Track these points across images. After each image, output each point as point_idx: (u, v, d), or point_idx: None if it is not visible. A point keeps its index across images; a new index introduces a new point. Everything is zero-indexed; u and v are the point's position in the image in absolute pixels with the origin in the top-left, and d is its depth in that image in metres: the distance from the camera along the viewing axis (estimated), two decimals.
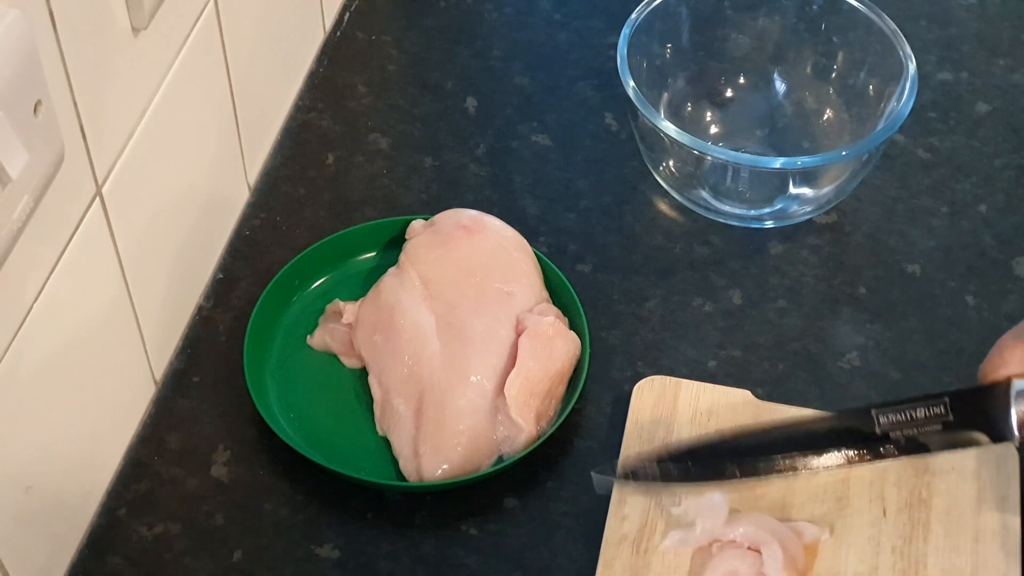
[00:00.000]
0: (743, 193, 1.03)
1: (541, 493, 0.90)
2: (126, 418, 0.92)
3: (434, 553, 0.87)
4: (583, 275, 1.01)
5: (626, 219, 1.05)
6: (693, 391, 0.92)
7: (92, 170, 0.80)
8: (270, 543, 0.88)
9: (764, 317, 0.99)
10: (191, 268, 0.98)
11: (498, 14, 1.20)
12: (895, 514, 0.87)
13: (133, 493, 0.90)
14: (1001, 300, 1.00)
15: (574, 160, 1.09)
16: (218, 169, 0.99)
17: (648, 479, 0.85)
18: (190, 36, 0.89)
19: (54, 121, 0.71)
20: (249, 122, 1.02)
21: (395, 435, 0.90)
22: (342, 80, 1.14)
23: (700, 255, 1.03)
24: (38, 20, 0.70)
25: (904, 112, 0.98)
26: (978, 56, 1.16)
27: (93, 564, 0.87)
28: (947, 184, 1.07)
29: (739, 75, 1.10)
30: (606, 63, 1.14)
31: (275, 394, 0.93)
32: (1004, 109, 1.12)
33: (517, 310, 0.93)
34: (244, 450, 0.92)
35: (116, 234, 0.84)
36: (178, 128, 0.90)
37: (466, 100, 1.13)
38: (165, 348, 0.95)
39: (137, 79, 0.84)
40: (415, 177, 1.07)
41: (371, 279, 0.98)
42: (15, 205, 0.68)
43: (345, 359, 0.95)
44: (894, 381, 0.95)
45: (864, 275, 1.01)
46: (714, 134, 1.09)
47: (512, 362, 0.90)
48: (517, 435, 0.89)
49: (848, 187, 1.01)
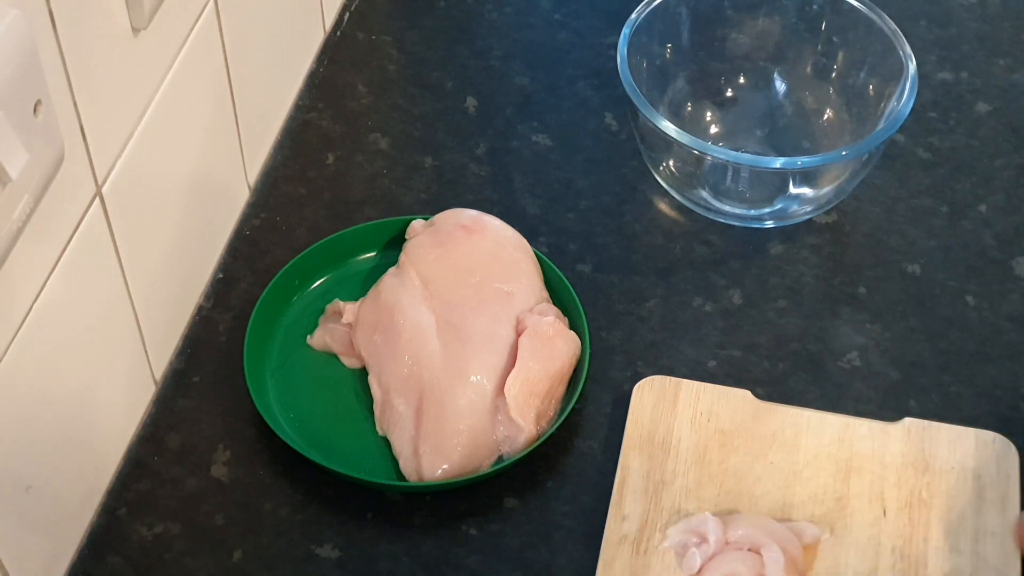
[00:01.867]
0: (743, 193, 1.03)
1: (541, 493, 0.90)
2: (126, 418, 0.92)
3: (434, 553, 0.87)
4: (583, 275, 1.01)
5: (626, 219, 1.05)
6: (693, 391, 0.92)
7: (92, 170, 0.80)
8: (270, 543, 0.88)
9: (764, 317, 0.99)
10: (191, 268, 0.98)
11: (498, 14, 1.20)
12: (895, 514, 0.87)
13: (133, 493, 0.90)
14: (1001, 300, 1.00)
15: (574, 160, 1.09)
16: (218, 169, 0.99)
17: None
18: (190, 36, 0.89)
19: (54, 121, 0.71)
20: (249, 122, 1.02)
21: (395, 435, 0.90)
22: (342, 80, 1.14)
23: (700, 255, 1.03)
24: (38, 20, 0.70)
25: (904, 112, 0.98)
26: (978, 56, 1.16)
27: (93, 564, 0.87)
28: (947, 184, 1.07)
29: (739, 75, 1.10)
30: (606, 63, 1.14)
31: (275, 394, 0.93)
32: (1004, 109, 1.12)
33: (517, 310, 0.93)
34: (244, 450, 0.92)
35: (116, 234, 0.84)
36: (178, 128, 0.90)
37: (466, 100, 1.13)
38: (165, 348, 0.95)
39: (137, 79, 0.84)
40: (415, 177, 1.07)
41: (371, 279, 0.98)
42: (15, 205, 0.68)
43: (345, 359, 0.95)
44: (894, 381, 0.95)
45: (864, 275, 1.01)
46: (714, 134, 1.09)
47: (512, 362, 0.90)
48: (517, 435, 0.89)
49: (848, 187, 1.01)
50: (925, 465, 0.89)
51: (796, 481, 0.88)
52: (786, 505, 0.87)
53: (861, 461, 0.89)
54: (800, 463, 0.89)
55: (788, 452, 0.89)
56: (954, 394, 0.94)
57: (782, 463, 0.89)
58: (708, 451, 0.89)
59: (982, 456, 0.89)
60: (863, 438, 0.90)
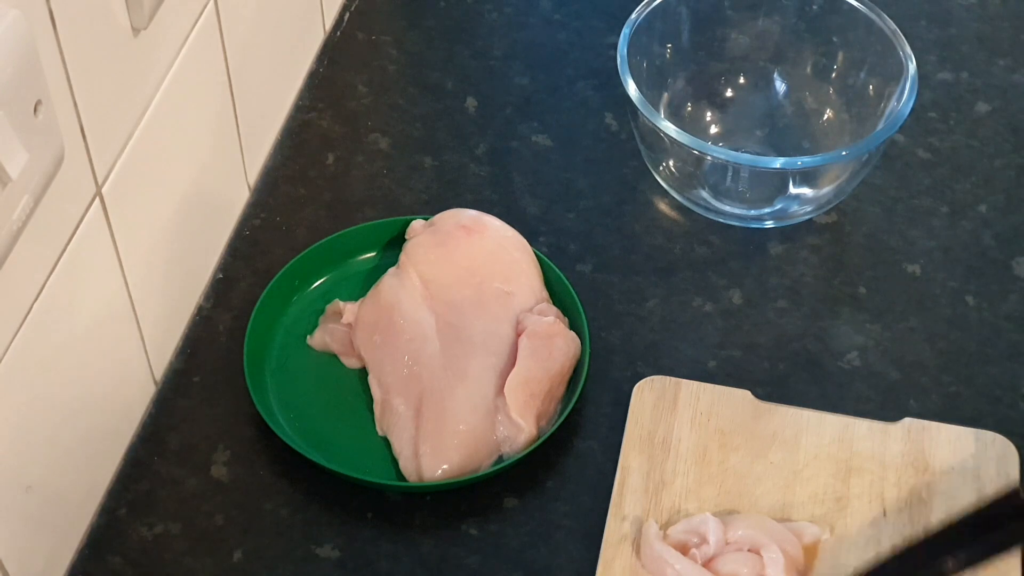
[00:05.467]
0: (743, 193, 1.03)
1: (541, 493, 0.90)
2: (126, 418, 0.92)
3: (434, 553, 0.87)
4: (583, 275, 1.01)
5: (626, 219, 1.05)
6: (693, 391, 0.92)
7: (92, 170, 0.80)
8: (270, 543, 0.88)
9: (764, 317, 0.99)
10: (191, 268, 0.98)
11: (498, 14, 1.20)
12: (895, 514, 0.87)
13: (133, 493, 0.90)
14: (1001, 300, 1.00)
15: (574, 160, 1.09)
16: (218, 169, 0.99)
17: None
18: (190, 36, 0.89)
19: (54, 121, 0.71)
20: (249, 122, 1.02)
21: (395, 435, 0.90)
22: (342, 80, 1.14)
23: (700, 255, 1.03)
24: (38, 20, 0.70)
25: (904, 112, 0.98)
26: (978, 56, 1.16)
27: (93, 564, 0.87)
28: (947, 184, 1.07)
29: (739, 75, 1.10)
30: (606, 63, 1.14)
31: (275, 394, 0.93)
32: (1004, 109, 1.12)
33: (517, 310, 0.93)
34: (244, 450, 0.92)
35: (116, 234, 0.84)
36: (178, 128, 0.90)
37: (466, 100, 1.13)
38: (165, 348, 0.95)
39: (137, 79, 0.84)
40: (415, 177, 1.07)
41: (371, 279, 0.98)
42: (15, 205, 0.68)
43: (345, 359, 0.95)
44: (894, 381, 0.95)
45: (864, 275, 1.01)
46: (714, 134, 1.09)
47: (512, 362, 0.90)
48: (517, 435, 0.89)
49: (848, 187, 1.01)
50: (925, 465, 0.89)
51: (796, 481, 0.88)
52: (786, 505, 0.87)
53: (861, 461, 0.89)
54: (800, 463, 0.89)
55: (788, 452, 0.89)
56: (954, 394, 0.94)
57: (782, 463, 0.89)
58: (708, 451, 0.89)
59: (982, 456, 0.89)
60: (863, 438, 0.90)
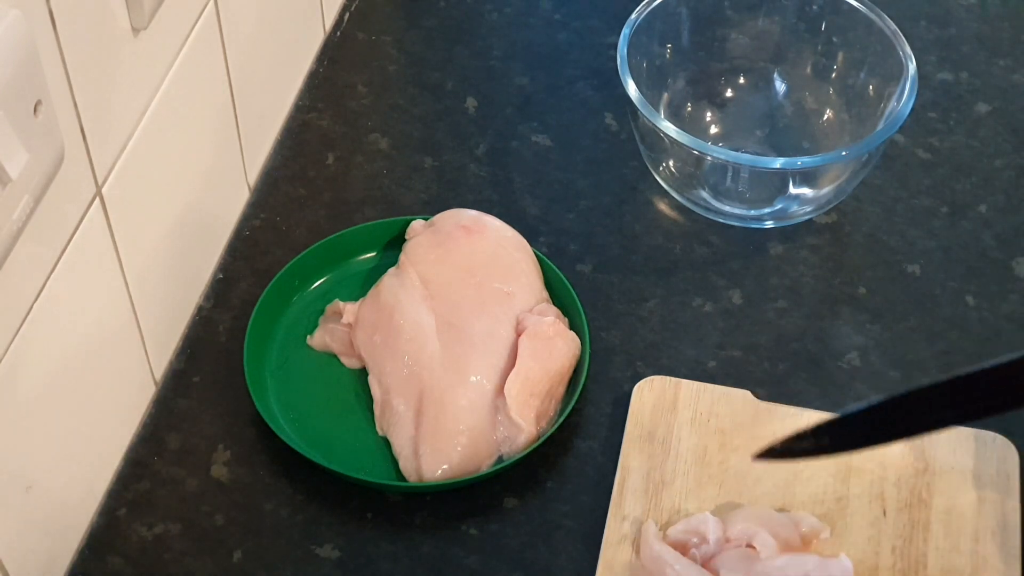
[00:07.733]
0: (743, 193, 1.03)
1: (541, 493, 0.90)
2: (126, 418, 0.92)
3: (434, 553, 0.87)
4: (583, 275, 1.01)
5: (626, 219, 1.05)
6: (693, 391, 0.92)
7: (92, 170, 0.80)
8: (270, 543, 0.88)
9: (764, 317, 0.99)
10: (191, 268, 0.98)
11: (498, 14, 1.20)
12: (895, 514, 0.87)
13: (133, 493, 0.90)
14: (1001, 300, 1.00)
15: (574, 160, 1.09)
16: (218, 169, 0.99)
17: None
18: (190, 36, 0.89)
19: (54, 121, 0.71)
20: (249, 122, 1.02)
21: (395, 435, 0.90)
22: (342, 80, 1.14)
23: (700, 255, 1.03)
24: (38, 20, 0.70)
25: (904, 112, 0.98)
26: (978, 56, 1.16)
27: (93, 564, 0.87)
28: (947, 184, 1.07)
29: (739, 75, 1.10)
30: (606, 63, 1.14)
31: (275, 394, 0.93)
32: (1004, 109, 1.12)
33: (517, 310, 0.93)
34: (244, 450, 0.92)
35: (116, 234, 0.84)
36: (178, 128, 0.90)
37: (466, 100, 1.13)
38: (165, 348, 0.95)
39: (137, 79, 0.84)
40: (415, 177, 1.07)
41: (371, 279, 0.98)
42: (15, 205, 0.68)
43: (345, 359, 0.95)
44: (894, 381, 0.95)
45: (864, 275, 1.01)
46: (714, 134, 1.09)
47: (512, 362, 0.90)
48: (517, 435, 0.89)
49: (848, 187, 1.01)
50: (925, 465, 0.89)
51: (796, 481, 0.88)
52: (786, 505, 0.87)
53: (861, 461, 0.89)
54: (800, 463, 0.89)
55: None
56: None
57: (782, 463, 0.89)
58: (708, 451, 0.89)
59: (982, 456, 0.89)
60: None
